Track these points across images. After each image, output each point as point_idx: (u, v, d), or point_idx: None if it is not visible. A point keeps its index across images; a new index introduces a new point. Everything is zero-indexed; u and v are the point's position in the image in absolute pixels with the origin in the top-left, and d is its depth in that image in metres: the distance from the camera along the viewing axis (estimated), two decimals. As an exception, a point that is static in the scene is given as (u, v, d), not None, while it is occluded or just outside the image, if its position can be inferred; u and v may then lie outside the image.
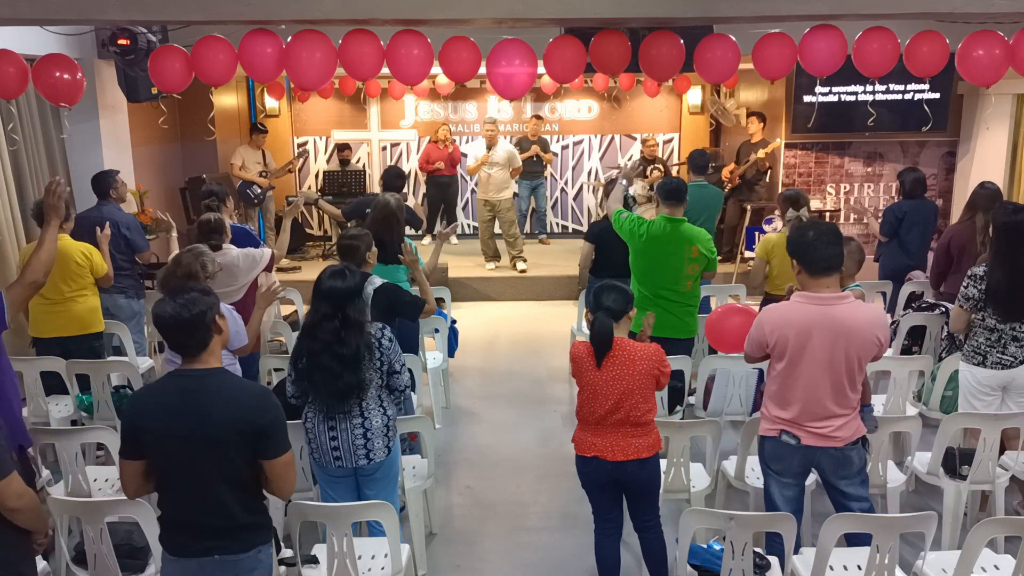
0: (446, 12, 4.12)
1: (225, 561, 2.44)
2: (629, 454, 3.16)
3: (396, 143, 10.64)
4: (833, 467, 3.10)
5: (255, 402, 2.43)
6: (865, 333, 3.00)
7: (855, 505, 3.11)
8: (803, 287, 3.09)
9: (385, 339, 3.23)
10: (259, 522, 2.52)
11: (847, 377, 3.03)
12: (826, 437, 3.06)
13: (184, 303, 2.39)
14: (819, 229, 3.05)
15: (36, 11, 4.08)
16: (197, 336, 2.42)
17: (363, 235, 4.07)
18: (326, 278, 3.16)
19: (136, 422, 2.41)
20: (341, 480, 3.30)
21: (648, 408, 3.18)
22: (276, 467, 2.44)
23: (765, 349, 3.12)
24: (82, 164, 6.46)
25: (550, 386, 6.19)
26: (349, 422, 3.19)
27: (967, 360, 3.99)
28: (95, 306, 4.84)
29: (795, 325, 3.02)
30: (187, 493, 2.42)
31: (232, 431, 2.37)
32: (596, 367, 3.15)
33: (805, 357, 3.02)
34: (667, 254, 4.45)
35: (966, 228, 5.08)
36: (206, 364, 2.45)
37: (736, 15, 4.22)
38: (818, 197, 8.64)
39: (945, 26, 4.81)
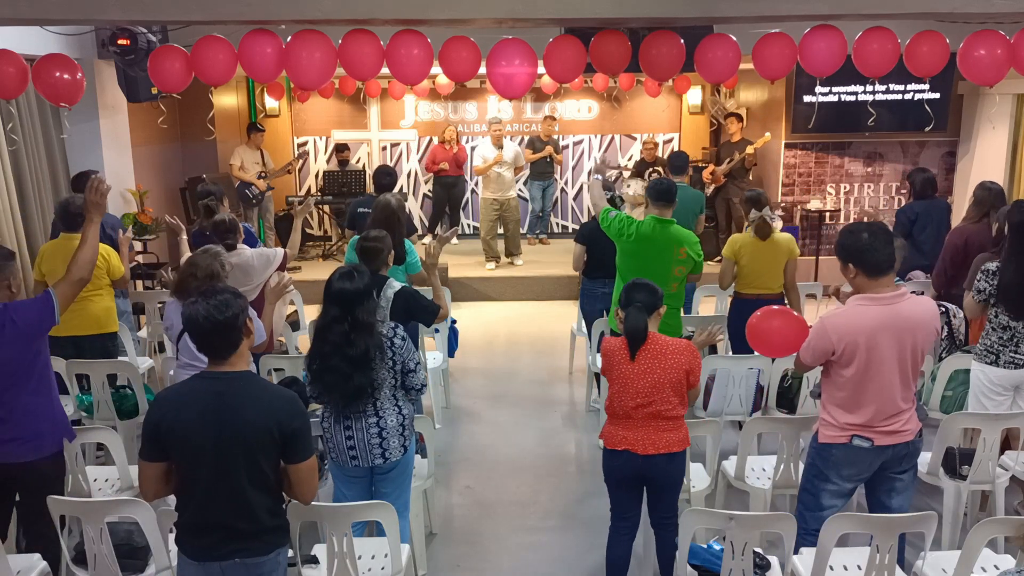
0: (446, 12, 4.12)
1: (247, 564, 2.45)
2: (660, 448, 3.18)
3: (396, 143, 10.64)
4: (899, 460, 3.07)
5: (286, 406, 2.43)
6: (928, 325, 3.01)
7: (896, 500, 3.10)
8: (860, 289, 3.02)
9: (397, 338, 3.23)
10: (280, 524, 2.53)
11: (913, 371, 3.03)
12: (898, 433, 3.03)
13: (217, 305, 2.37)
14: (872, 231, 2.98)
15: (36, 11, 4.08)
16: (230, 338, 2.41)
17: (384, 237, 4.06)
18: (335, 280, 3.16)
19: (162, 424, 2.40)
20: (357, 479, 3.31)
21: (679, 403, 3.21)
22: (301, 472, 2.46)
23: (830, 356, 3.05)
24: (82, 164, 6.46)
25: (550, 386, 6.18)
26: (364, 422, 3.20)
27: (980, 359, 3.97)
28: (110, 306, 4.86)
29: (864, 329, 2.96)
30: (213, 496, 2.41)
31: (263, 434, 2.37)
32: (630, 359, 3.17)
33: (877, 359, 2.97)
34: (655, 255, 4.43)
35: (983, 229, 5.00)
36: (235, 367, 2.45)
37: (736, 15, 4.22)
38: (818, 197, 8.65)
39: (945, 26, 4.81)
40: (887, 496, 3.13)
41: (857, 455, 3.06)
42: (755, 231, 4.90)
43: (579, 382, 6.17)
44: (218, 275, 3.70)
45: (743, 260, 4.94)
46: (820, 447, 3.14)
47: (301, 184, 10.70)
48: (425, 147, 10.60)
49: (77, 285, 3.28)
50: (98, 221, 3.37)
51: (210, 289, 2.47)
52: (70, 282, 3.26)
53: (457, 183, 9.79)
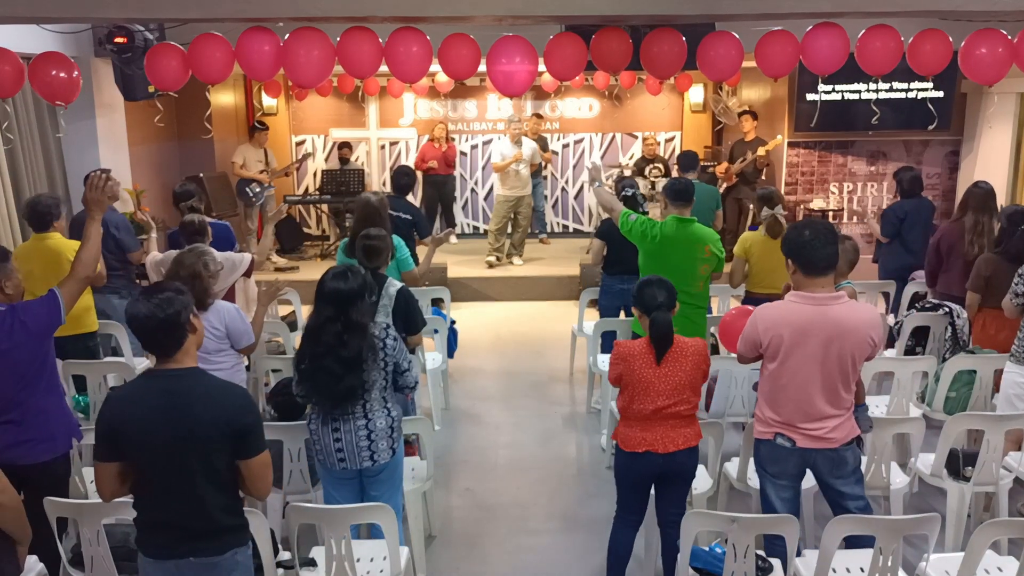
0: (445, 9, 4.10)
1: (201, 563, 2.42)
2: (679, 444, 3.19)
3: (395, 141, 10.61)
4: (828, 468, 3.08)
5: (236, 401, 2.42)
6: (860, 333, 2.98)
7: (852, 504, 3.09)
8: (798, 286, 3.06)
9: (390, 339, 3.21)
10: (236, 524, 2.50)
11: (841, 377, 3.01)
12: (821, 439, 3.03)
13: (159, 303, 2.36)
14: (815, 228, 3.02)
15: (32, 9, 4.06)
16: (174, 336, 2.39)
17: (385, 236, 4.04)
18: (329, 280, 3.12)
19: (114, 424, 2.39)
20: (346, 482, 3.27)
21: (696, 402, 3.23)
22: (254, 467, 2.42)
23: (759, 349, 3.10)
24: (79, 163, 6.44)
25: (550, 387, 6.16)
26: (353, 423, 3.17)
27: (1018, 361, 3.92)
28: (88, 305, 4.80)
29: (790, 325, 3.00)
30: (166, 494, 2.40)
31: (215, 430, 2.35)
32: (656, 363, 3.17)
33: (799, 357, 2.99)
34: (680, 255, 4.40)
35: (956, 227, 5.05)
36: (182, 364, 2.42)
37: (738, 12, 4.20)
38: (821, 196, 8.62)
39: (948, 24, 4.78)
40: (839, 498, 3.12)
41: (780, 453, 3.09)
42: (766, 229, 4.87)
43: (579, 383, 6.14)
44: (200, 275, 3.67)
45: (753, 259, 4.91)
46: (754, 442, 3.21)
47: (300, 183, 10.68)
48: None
49: (83, 283, 3.29)
50: (99, 218, 3.34)
51: (153, 287, 2.45)
52: (76, 280, 3.25)
53: (447, 181, 9.77)
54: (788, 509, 3.11)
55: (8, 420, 3.11)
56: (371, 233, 3.99)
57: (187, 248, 3.89)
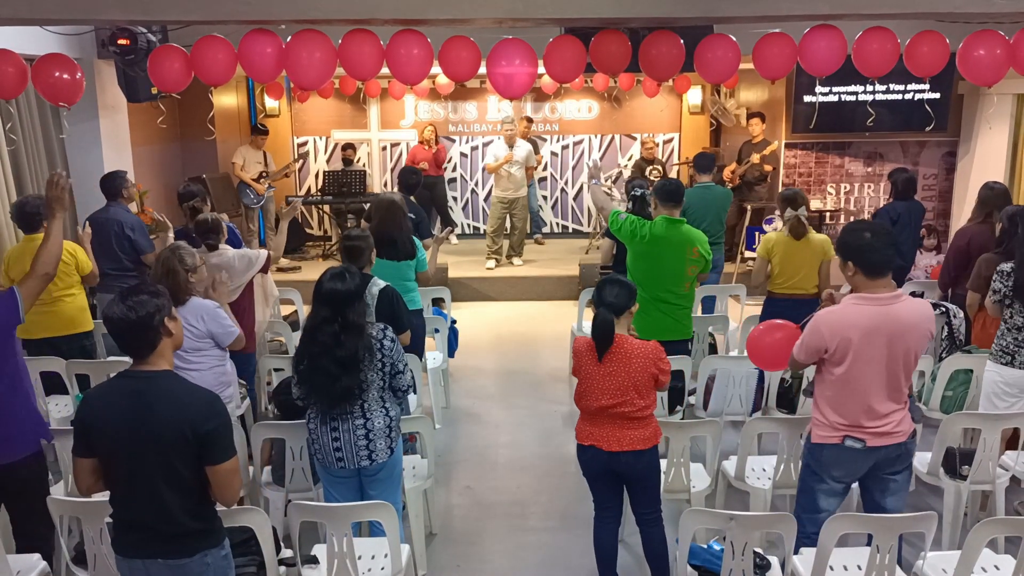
0: (446, 12, 4.12)
1: (169, 565, 2.43)
2: (624, 445, 3.20)
3: (396, 143, 10.63)
4: (891, 462, 3.07)
5: (201, 407, 2.41)
6: (921, 328, 3.01)
7: (891, 501, 3.09)
8: (857, 288, 3.03)
9: (387, 340, 3.23)
10: (205, 528, 2.49)
11: (904, 373, 3.02)
12: (889, 435, 3.03)
13: (132, 305, 2.37)
14: (874, 230, 3.00)
15: (36, 11, 4.08)
16: (146, 338, 2.40)
17: (367, 236, 4.07)
18: (326, 280, 3.15)
19: (86, 420, 2.42)
20: (344, 481, 3.30)
21: (645, 405, 3.21)
22: (219, 474, 2.41)
23: (822, 354, 3.04)
24: (82, 164, 6.46)
25: (550, 386, 6.18)
26: (351, 423, 3.19)
27: (995, 360, 3.96)
28: (83, 305, 4.81)
29: (858, 327, 2.96)
30: (133, 494, 2.42)
31: (175, 434, 2.35)
32: (597, 361, 3.19)
33: (867, 358, 2.97)
34: (669, 256, 4.42)
35: (986, 229, 4.99)
36: (155, 366, 2.43)
37: (736, 15, 4.22)
38: (818, 197, 8.64)
39: (945, 26, 4.81)
40: (881, 496, 3.13)
41: (848, 456, 3.06)
42: (789, 230, 4.89)
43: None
44: (175, 271, 3.66)
45: (776, 259, 4.93)
46: (813, 447, 3.14)
47: (301, 184, 10.70)
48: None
49: (42, 281, 3.27)
50: (61, 217, 3.35)
51: (129, 289, 2.46)
52: (35, 277, 3.24)
53: (437, 183, 9.77)
54: (833, 509, 3.09)
55: None
56: (354, 233, 4.04)
57: (168, 246, 3.89)
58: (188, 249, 3.83)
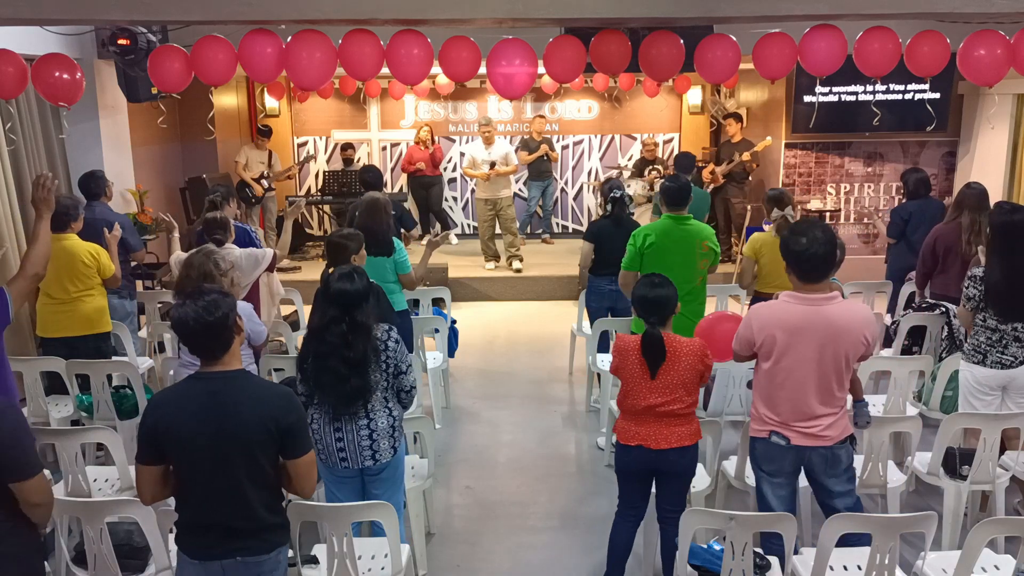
0: (446, 12, 4.12)
1: (247, 563, 2.45)
2: (672, 442, 3.21)
3: (396, 143, 10.64)
4: (822, 466, 3.11)
5: (281, 402, 2.45)
6: (854, 332, 3.00)
7: (839, 502, 3.10)
8: (793, 287, 3.10)
9: (391, 340, 3.23)
10: (280, 523, 2.54)
11: (835, 376, 3.03)
12: (815, 436, 3.06)
13: (206, 305, 2.38)
14: (812, 236, 3.01)
15: (36, 11, 4.08)
16: (222, 338, 2.42)
17: (355, 235, 4.09)
18: (334, 281, 3.14)
19: (159, 426, 2.40)
20: (347, 481, 3.30)
21: (692, 402, 3.24)
22: (300, 466, 2.46)
23: (753, 348, 3.12)
24: (82, 164, 6.45)
25: (550, 386, 6.18)
26: (355, 423, 3.19)
27: (967, 359, 3.98)
28: (102, 306, 4.84)
29: (784, 324, 3.02)
30: (213, 495, 2.42)
31: (260, 431, 2.39)
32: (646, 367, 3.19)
33: (793, 357, 3.01)
34: (679, 252, 4.46)
35: (952, 228, 5.05)
36: (228, 366, 2.45)
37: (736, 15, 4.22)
38: (818, 197, 8.65)
39: (945, 26, 4.81)
40: (828, 497, 3.14)
41: (775, 451, 3.11)
42: (776, 230, 4.90)
43: (579, 382, 6.16)
44: (212, 275, 3.69)
45: (763, 259, 4.94)
46: (750, 440, 3.23)
47: (301, 184, 10.71)
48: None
49: (32, 281, 3.28)
50: (47, 217, 3.37)
51: (197, 290, 2.47)
52: (24, 277, 3.25)
53: (434, 183, 9.75)
54: (784, 507, 3.14)
55: None
56: (341, 232, 4.08)
57: (196, 250, 3.91)
58: (220, 253, 3.88)
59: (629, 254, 4.59)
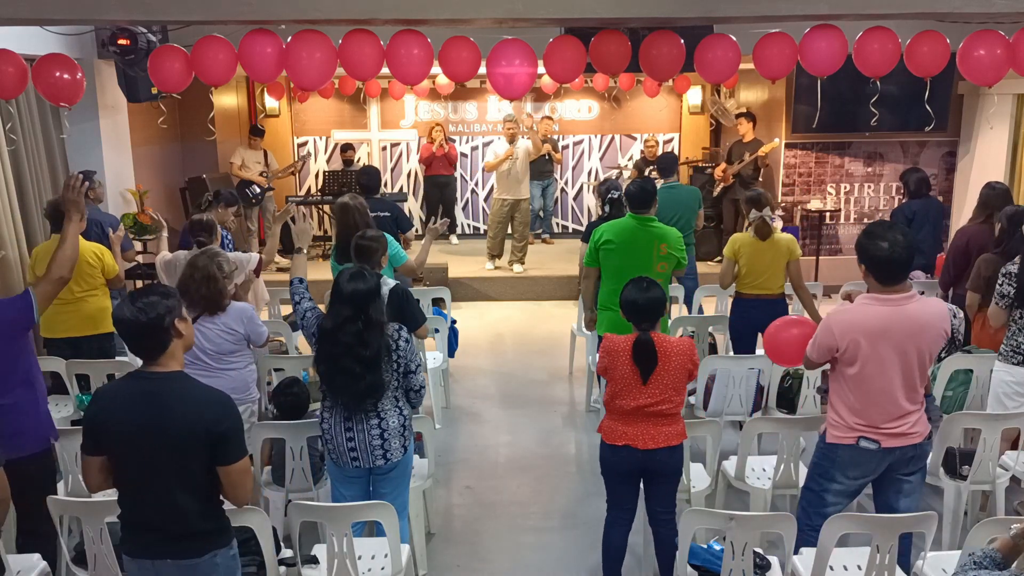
0: (446, 12, 4.12)
1: (179, 565, 2.44)
2: (660, 442, 3.20)
3: (396, 143, 10.64)
4: (906, 463, 3.07)
5: (216, 407, 2.42)
6: (936, 328, 3.00)
7: (904, 502, 3.08)
8: (870, 289, 3.04)
9: (402, 340, 3.23)
10: (215, 528, 2.50)
11: (920, 373, 3.02)
12: (904, 436, 3.02)
13: (143, 307, 2.37)
14: (893, 239, 2.94)
15: (36, 11, 4.08)
16: (157, 339, 2.40)
17: (380, 237, 4.09)
18: (346, 281, 3.14)
19: (96, 419, 2.42)
20: (355, 480, 3.31)
21: (680, 401, 3.24)
22: (232, 474, 2.43)
23: (834, 354, 3.05)
24: (82, 164, 6.46)
25: (550, 386, 6.18)
26: (366, 423, 3.20)
27: (1005, 360, 3.95)
28: (106, 306, 4.85)
29: (867, 328, 2.97)
30: (143, 495, 2.42)
31: (190, 435, 2.36)
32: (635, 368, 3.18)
33: (879, 359, 2.97)
34: (636, 252, 4.45)
35: (983, 230, 5.01)
36: (166, 367, 2.43)
37: (736, 15, 4.22)
38: (818, 197, 8.65)
39: (945, 26, 4.81)
40: (894, 498, 3.12)
41: (863, 456, 3.05)
42: (755, 231, 4.90)
43: (579, 382, 6.16)
44: (215, 276, 3.70)
45: (742, 260, 4.95)
46: (827, 447, 3.13)
47: (301, 184, 10.71)
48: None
49: (57, 284, 3.28)
50: (77, 219, 3.38)
51: (141, 291, 2.46)
52: (50, 280, 3.26)
53: (449, 182, 9.77)
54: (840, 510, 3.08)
55: None
56: (366, 234, 4.05)
57: (200, 250, 3.92)
58: (224, 255, 3.88)
59: (588, 251, 4.61)
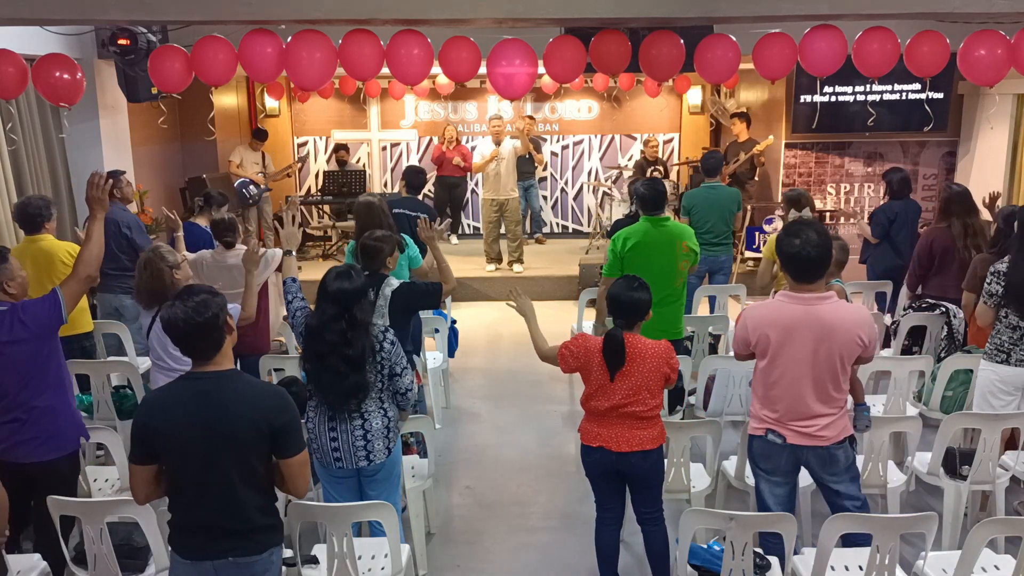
0: (446, 12, 4.12)
1: (239, 563, 2.44)
2: (633, 445, 3.20)
3: (396, 143, 10.64)
4: (820, 465, 3.12)
5: (273, 401, 2.43)
6: (848, 332, 3.00)
7: (849, 503, 3.11)
8: (788, 286, 3.11)
9: (387, 341, 3.23)
10: (273, 524, 2.52)
11: (830, 376, 3.03)
12: (811, 436, 3.06)
13: (195, 306, 2.37)
14: (805, 237, 2.99)
15: (36, 11, 4.08)
16: (212, 338, 2.40)
17: (388, 237, 4.05)
18: (332, 280, 3.14)
19: (150, 426, 2.40)
20: (343, 481, 3.30)
21: (655, 404, 3.23)
22: (292, 466, 2.45)
23: (749, 347, 3.14)
24: (82, 164, 6.47)
25: (550, 386, 6.18)
26: (349, 423, 3.19)
27: (990, 358, 3.96)
28: (83, 306, 4.80)
29: (777, 324, 3.03)
30: (204, 496, 2.41)
31: (251, 431, 2.38)
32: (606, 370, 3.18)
33: (787, 356, 3.02)
34: (656, 255, 4.44)
35: (947, 230, 5.05)
36: (220, 366, 2.44)
37: (736, 15, 4.22)
38: (818, 197, 8.65)
39: (945, 26, 4.81)
40: (835, 497, 3.15)
41: (771, 449, 3.12)
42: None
43: (579, 382, 6.14)
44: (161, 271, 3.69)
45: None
46: (748, 438, 3.24)
47: (301, 184, 10.71)
48: (425, 147, 10.60)
49: (85, 283, 3.29)
50: (101, 217, 3.37)
51: (187, 290, 2.45)
52: (78, 279, 3.26)
53: (459, 183, 9.76)
54: (782, 506, 3.14)
55: (12, 419, 3.14)
56: (374, 234, 4.02)
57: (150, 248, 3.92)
58: (166, 247, 3.87)
59: (609, 260, 4.55)
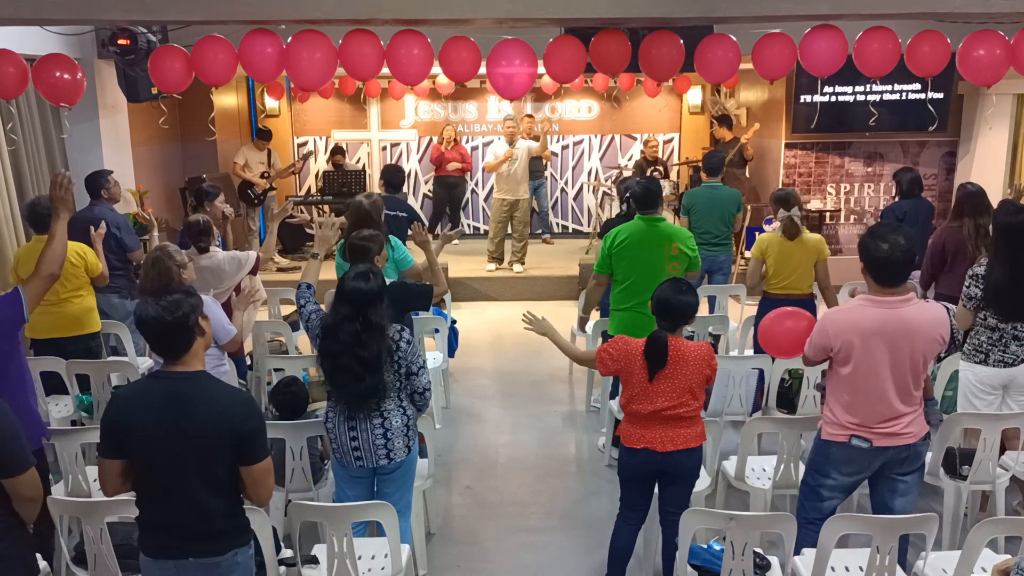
0: (446, 12, 4.12)
1: (201, 564, 2.43)
2: (678, 444, 3.21)
3: (396, 143, 10.64)
4: (900, 462, 3.09)
5: (240, 407, 2.41)
6: (930, 332, 3.01)
7: (899, 502, 3.10)
8: (868, 289, 3.07)
9: (403, 341, 3.22)
10: (236, 526, 2.50)
11: (912, 376, 3.03)
12: (897, 436, 3.04)
13: (167, 305, 2.36)
14: (893, 242, 2.96)
15: (36, 11, 4.08)
16: (182, 338, 2.40)
17: (376, 236, 4.06)
18: (350, 279, 3.14)
19: (118, 422, 2.40)
20: (360, 480, 3.30)
21: (698, 405, 3.24)
22: (255, 473, 2.43)
23: (829, 353, 3.09)
24: (82, 164, 6.46)
25: (550, 386, 6.18)
26: (369, 422, 3.19)
27: (968, 359, 3.98)
28: (91, 306, 4.82)
29: (860, 329, 2.99)
30: (166, 495, 2.41)
31: (215, 435, 2.36)
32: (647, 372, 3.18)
33: (872, 360, 3.00)
34: (647, 252, 4.44)
35: (959, 231, 5.06)
36: (189, 367, 2.43)
37: (736, 15, 4.22)
38: (818, 197, 8.65)
39: (945, 26, 4.81)
40: (889, 497, 3.13)
41: (855, 454, 3.08)
42: (783, 231, 4.91)
43: (579, 382, 6.17)
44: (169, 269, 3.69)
45: (770, 260, 4.94)
46: (821, 444, 3.18)
47: (301, 184, 10.71)
48: (425, 147, 10.60)
49: (47, 281, 3.27)
50: (65, 217, 3.36)
51: (161, 289, 2.46)
52: (40, 278, 3.24)
53: (459, 183, 9.77)
54: (834, 508, 3.13)
55: None
56: (361, 234, 4.02)
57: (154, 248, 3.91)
58: (173, 246, 3.88)
59: (599, 257, 4.55)
